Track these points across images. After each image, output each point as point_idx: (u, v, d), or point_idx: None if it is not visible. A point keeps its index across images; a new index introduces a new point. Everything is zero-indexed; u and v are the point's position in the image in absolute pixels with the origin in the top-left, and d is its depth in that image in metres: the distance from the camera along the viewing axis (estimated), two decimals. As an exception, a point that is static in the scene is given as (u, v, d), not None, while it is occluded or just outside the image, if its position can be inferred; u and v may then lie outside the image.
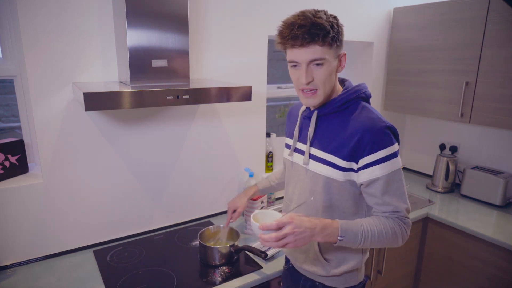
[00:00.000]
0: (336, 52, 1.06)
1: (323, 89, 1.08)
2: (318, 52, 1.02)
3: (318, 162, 1.15)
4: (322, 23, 0.99)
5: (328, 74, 1.06)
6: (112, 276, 1.45)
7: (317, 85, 1.07)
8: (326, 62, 1.04)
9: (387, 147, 1.05)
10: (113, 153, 1.64)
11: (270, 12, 1.94)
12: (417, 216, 2.06)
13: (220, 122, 1.91)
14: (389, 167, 1.06)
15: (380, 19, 2.45)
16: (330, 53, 1.04)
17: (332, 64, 1.06)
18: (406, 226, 1.10)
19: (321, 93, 1.08)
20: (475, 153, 2.43)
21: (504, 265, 1.83)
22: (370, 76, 2.53)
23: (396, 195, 1.08)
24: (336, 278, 1.22)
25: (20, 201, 1.47)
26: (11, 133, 1.70)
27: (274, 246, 1.02)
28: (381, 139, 1.05)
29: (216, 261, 1.51)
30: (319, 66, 1.04)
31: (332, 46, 1.03)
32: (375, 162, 1.05)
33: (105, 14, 1.49)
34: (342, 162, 1.09)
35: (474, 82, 2.06)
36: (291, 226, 0.99)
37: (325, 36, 1.00)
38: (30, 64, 1.38)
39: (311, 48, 1.01)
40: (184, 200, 1.90)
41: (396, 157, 1.08)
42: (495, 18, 1.93)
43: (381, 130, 1.05)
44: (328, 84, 1.08)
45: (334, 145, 1.11)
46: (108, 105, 1.18)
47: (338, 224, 1.04)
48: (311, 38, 0.99)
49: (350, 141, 1.07)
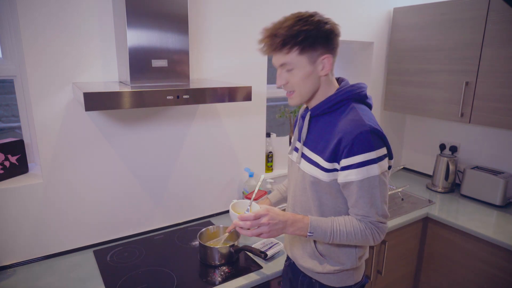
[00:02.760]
0: (310, 57, 1.06)
1: (299, 91, 1.11)
2: (282, 59, 1.07)
3: (307, 161, 1.18)
4: (281, 33, 1.03)
5: (302, 78, 1.09)
6: (112, 276, 1.45)
7: (292, 87, 1.12)
8: (296, 67, 1.07)
9: (365, 152, 1.04)
10: (113, 153, 1.64)
11: (270, 12, 1.94)
12: (417, 216, 2.06)
13: (220, 122, 1.91)
14: (365, 172, 1.05)
15: (380, 19, 2.45)
16: (300, 59, 1.06)
17: (306, 69, 1.07)
18: (380, 230, 1.11)
19: (297, 95, 1.12)
20: (475, 153, 2.43)
21: (504, 265, 1.83)
22: (370, 76, 2.53)
23: (370, 201, 1.08)
24: (331, 276, 1.23)
25: (20, 201, 1.47)
26: (11, 133, 1.70)
27: (249, 234, 1.08)
28: (360, 143, 1.04)
29: (216, 261, 1.51)
30: (289, 71, 1.09)
31: (302, 53, 1.05)
32: (351, 166, 1.05)
33: (105, 14, 1.49)
34: (325, 163, 1.11)
35: (474, 82, 2.06)
36: (267, 218, 1.07)
37: (284, 45, 1.04)
38: (30, 64, 1.38)
39: (276, 56, 1.08)
40: (184, 200, 1.90)
41: (375, 164, 1.05)
42: (495, 18, 1.93)
43: (361, 134, 1.04)
44: (305, 87, 1.10)
45: (320, 146, 1.14)
46: (108, 105, 1.18)
47: (308, 220, 1.11)
48: (271, 48, 1.06)
49: (331, 142, 1.09)
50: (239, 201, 1.31)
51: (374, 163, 1.05)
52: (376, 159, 1.05)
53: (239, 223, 1.08)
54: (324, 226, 1.11)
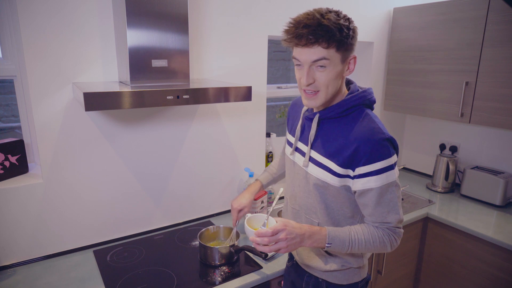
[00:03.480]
0: (344, 55, 1.02)
1: (325, 91, 1.06)
2: (321, 54, 0.99)
3: (316, 165, 1.15)
4: (328, 25, 0.96)
5: (332, 78, 1.04)
6: (112, 276, 1.45)
7: (318, 87, 1.05)
8: (330, 65, 1.01)
9: (384, 159, 1.04)
10: (113, 153, 1.64)
11: (270, 12, 1.94)
12: (417, 216, 2.06)
13: (220, 122, 1.91)
14: (384, 179, 1.05)
15: (380, 19, 2.45)
16: (336, 56, 1.01)
17: (337, 68, 1.03)
18: (396, 235, 1.11)
19: (322, 95, 1.06)
20: (475, 153, 2.43)
21: (504, 265, 1.83)
22: (370, 76, 2.53)
23: (388, 206, 1.08)
24: (338, 274, 1.23)
25: (20, 201, 1.47)
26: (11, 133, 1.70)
27: (266, 251, 1.08)
28: (379, 151, 1.04)
29: (216, 261, 1.51)
30: (322, 68, 1.02)
31: (339, 49, 1.00)
32: (370, 173, 1.05)
33: (105, 14, 1.49)
34: (339, 168, 1.09)
35: (474, 82, 2.06)
36: (285, 233, 1.05)
37: (330, 39, 0.97)
38: (30, 64, 1.38)
39: (314, 49, 0.99)
40: (184, 200, 1.90)
41: (392, 170, 1.06)
42: (495, 18, 1.93)
43: (379, 141, 1.04)
44: (331, 87, 1.06)
45: (332, 150, 1.11)
46: (108, 105, 1.18)
47: (326, 232, 1.09)
48: (315, 39, 0.97)
49: (348, 149, 1.07)
50: (254, 215, 1.29)
51: (392, 169, 1.06)
52: (393, 165, 1.07)
53: (256, 240, 1.06)
54: (342, 236, 1.09)
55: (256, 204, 1.76)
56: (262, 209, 1.81)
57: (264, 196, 1.81)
